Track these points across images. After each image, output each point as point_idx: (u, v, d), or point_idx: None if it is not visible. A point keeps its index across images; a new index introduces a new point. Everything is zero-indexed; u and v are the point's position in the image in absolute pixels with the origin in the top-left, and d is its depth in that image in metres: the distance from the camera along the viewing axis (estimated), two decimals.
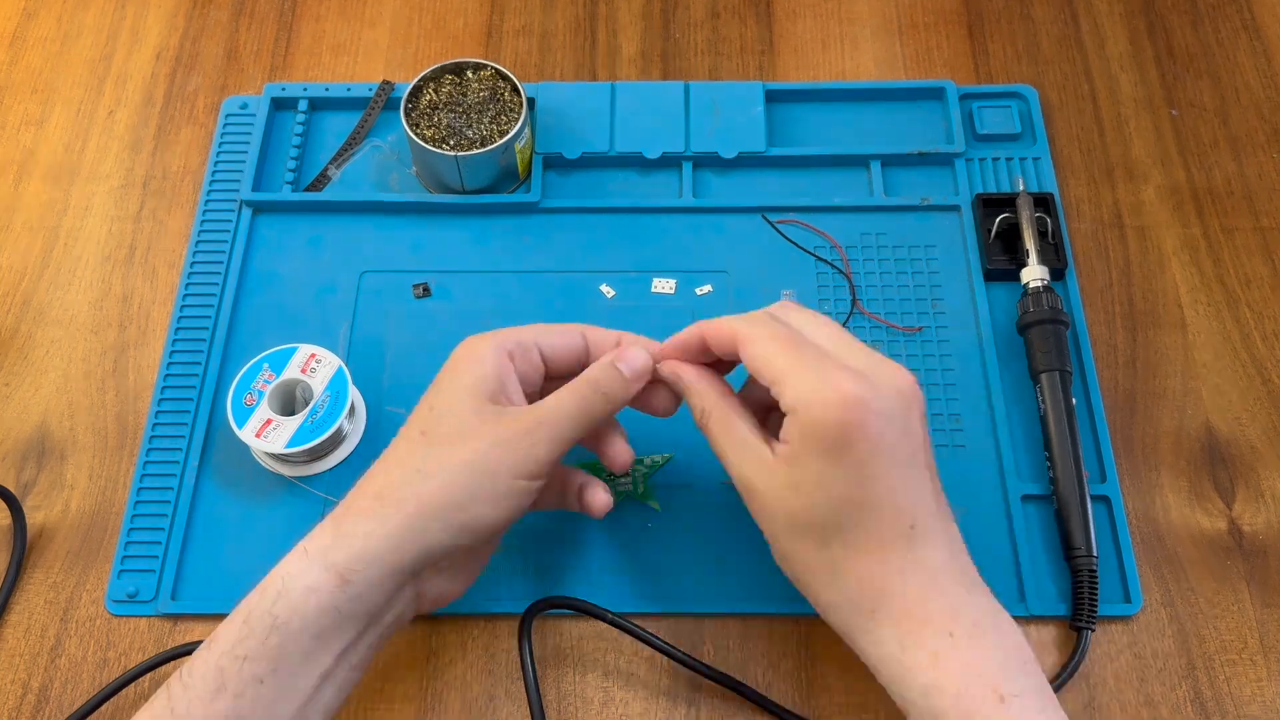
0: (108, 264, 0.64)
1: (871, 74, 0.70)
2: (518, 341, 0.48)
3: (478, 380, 0.46)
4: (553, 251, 0.63)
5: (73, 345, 0.61)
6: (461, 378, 0.46)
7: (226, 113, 0.68)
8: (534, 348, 0.48)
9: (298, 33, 0.73)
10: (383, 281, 0.62)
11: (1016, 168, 0.65)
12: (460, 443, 0.45)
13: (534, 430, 0.45)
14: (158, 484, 0.56)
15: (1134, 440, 0.58)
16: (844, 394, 0.40)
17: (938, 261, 0.62)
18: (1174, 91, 0.69)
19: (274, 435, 0.54)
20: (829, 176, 0.65)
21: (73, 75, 0.71)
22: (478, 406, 0.45)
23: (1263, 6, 0.72)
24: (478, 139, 0.61)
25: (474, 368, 0.46)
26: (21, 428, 0.59)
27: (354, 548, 0.42)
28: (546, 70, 0.71)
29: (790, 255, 0.63)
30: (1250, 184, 0.66)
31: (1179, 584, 0.54)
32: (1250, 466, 0.57)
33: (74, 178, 0.67)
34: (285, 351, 0.56)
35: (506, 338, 0.48)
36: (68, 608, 0.54)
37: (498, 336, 0.48)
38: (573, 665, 0.52)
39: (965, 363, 0.59)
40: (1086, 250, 0.63)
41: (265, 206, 0.65)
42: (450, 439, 0.45)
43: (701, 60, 0.71)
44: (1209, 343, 0.61)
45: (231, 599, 0.54)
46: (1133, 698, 0.51)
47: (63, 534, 0.56)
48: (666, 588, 0.54)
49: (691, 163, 0.65)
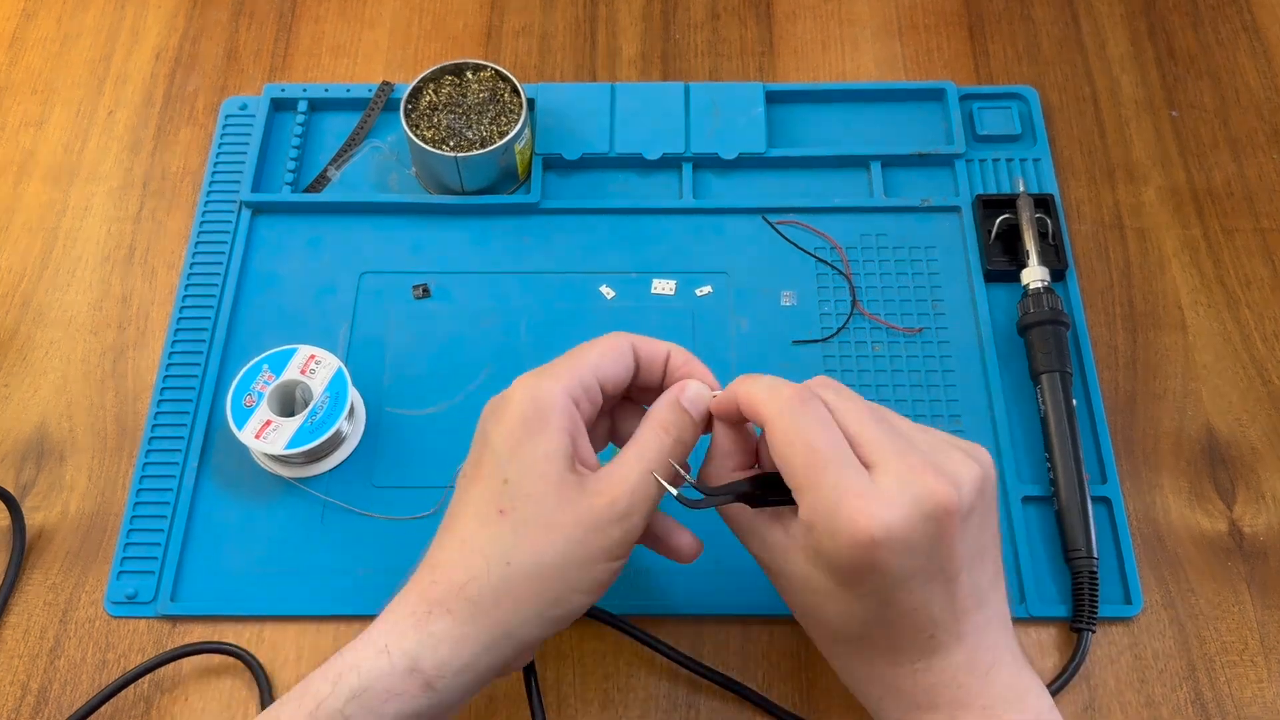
0: (107, 265, 0.64)
1: (872, 75, 0.70)
2: (581, 383, 0.43)
3: (556, 450, 0.41)
4: (552, 252, 0.63)
5: (72, 346, 0.61)
6: (538, 444, 0.42)
7: (226, 113, 0.68)
8: (595, 384, 0.44)
9: (297, 33, 0.73)
10: (382, 282, 0.62)
11: (1017, 169, 0.65)
12: (550, 529, 0.41)
13: (624, 506, 0.41)
14: (157, 485, 0.56)
15: (1134, 441, 0.58)
16: (856, 531, 0.37)
17: (938, 262, 0.62)
18: (1174, 93, 0.69)
19: (273, 436, 0.54)
20: (829, 177, 0.65)
21: (72, 76, 0.71)
22: (560, 479, 0.41)
23: (1263, 8, 0.72)
24: (477, 140, 0.61)
25: (549, 432, 0.42)
26: (21, 429, 0.59)
27: (442, 654, 0.40)
28: (546, 71, 0.71)
29: (790, 256, 0.63)
30: (1250, 185, 0.66)
31: (1179, 585, 0.54)
32: (1251, 468, 0.57)
33: (73, 178, 0.67)
34: (285, 353, 0.56)
35: (571, 380, 0.43)
36: (67, 609, 0.54)
37: (560, 379, 0.43)
38: (573, 665, 0.52)
39: (965, 364, 0.59)
40: (1087, 251, 0.63)
41: (265, 207, 0.64)
42: (537, 523, 0.41)
43: (702, 61, 0.71)
44: (1209, 344, 0.61)
45: (231, 600, 0.54)
46: (1133, 699, 0.51)
47: (62, 535, 0.56)
48: (666, 589, 0.53)
49: (691, 164, 0.65)
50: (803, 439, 0.39)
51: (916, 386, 0.59)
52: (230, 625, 0.53)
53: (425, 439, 0.57)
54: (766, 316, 0.61)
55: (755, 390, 0.41)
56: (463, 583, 0.41)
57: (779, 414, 0.40)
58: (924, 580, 0.39)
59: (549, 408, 0.42)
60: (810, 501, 0.39)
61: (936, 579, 0.39)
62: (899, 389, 0.59)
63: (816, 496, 0.39)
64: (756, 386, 0.41)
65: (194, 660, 0.52)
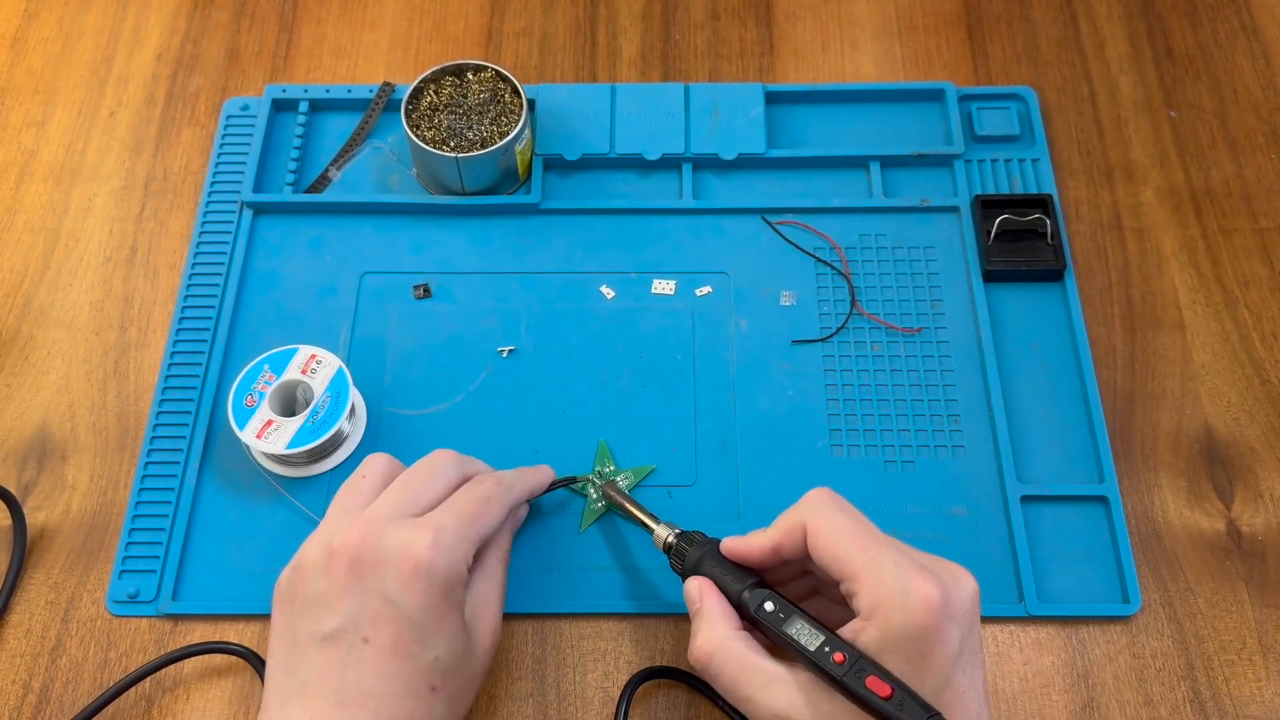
0: (109, 265, 0.64)
1: (871, 76, 0.70)
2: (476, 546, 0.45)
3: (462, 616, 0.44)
4: (553, 253, 0.63)
5: (74, 346, 0.61)
6: (456, 617, 0.44)
7: (227, 114, 0.68)
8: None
9: (298, 34, 0.73)
10: (383, 282, 0.62)
11: (1015, 169, 0.66)
12: (473, 683, 0.45)
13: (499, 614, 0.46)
14: (159, 485, 0.56)
15: (1133, 441, 0.58)
16: (926, 598, 0.39)
17: (937, 262, 0.63)
18: (1173, 93, 0.69)
19: (275, 436, 0.54)
20: (828, 178, 0.66)
21: (74, 76, 0.71)
22: (469, 637, 0.44)
23: (1261, 8, 0.73)
24: (478, 140, 0.62)
25: (460, 603, 0.44)
26: (22, 428, 0.59)
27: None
28: (547, 72, 0.71)
29: (790, 256, 0.63)
30: (1249, 185, 0.66)
31: (1178, 584, 0.54)
32: (1249, 467, 0.57)
33: (75, 179, 0.67)
34: (286, 353, 0.56)
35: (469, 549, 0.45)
36: (69, 608, 0.54)
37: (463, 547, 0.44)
38: (573, 665, 0.52)
39: (964, 363, 0.59)
40: (1085, 251, 0.64)
41: (266, 208, 0.65)
42: (465, 688, 0.44)
43: (701, 62, 0.71)
44: (1208, 344, 0.61)
45: (232, 599, 0.54)
46: (1131, 698, 0.51)
47: (63, 534, 0.56)
48: (666, 588, 0.54)
49: (691, 164, 0.65)
50: (852, 528, 0.42)
51: (915, 386, 0.59)
52: (232, 624, 0.53)
53: (425, 439, 0.57)
54: (766, 316, 0.61)
55: (788, 515, 0.44)
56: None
57: (820, 511, 0.43)
58: (970, 662, 0.41)
59: (459, 578, 0.44)
60: (873, 584, 0.41)
61: (977, 665, 0.41)
62: (898, 389, 0.59)
63: (879, 577, 0.40)
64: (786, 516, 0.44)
65: (196, 659, 0.52)
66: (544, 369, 0.59)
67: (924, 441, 0.57)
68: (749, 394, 0.59)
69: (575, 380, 0.59)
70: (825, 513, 0.43)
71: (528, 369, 0.60)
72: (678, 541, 0.48)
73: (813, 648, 0.41)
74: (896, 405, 0.58)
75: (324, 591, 0.42)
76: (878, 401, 0.58)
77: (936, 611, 0.39)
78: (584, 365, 0.60)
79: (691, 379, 0.59)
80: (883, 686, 0.39)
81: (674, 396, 0.59)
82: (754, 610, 0.44)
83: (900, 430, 0.58)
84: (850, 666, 0.40)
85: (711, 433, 0.58)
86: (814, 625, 0.43)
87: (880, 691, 0.39)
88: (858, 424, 0.58)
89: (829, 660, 0.41)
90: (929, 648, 0.40)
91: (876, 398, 0.59)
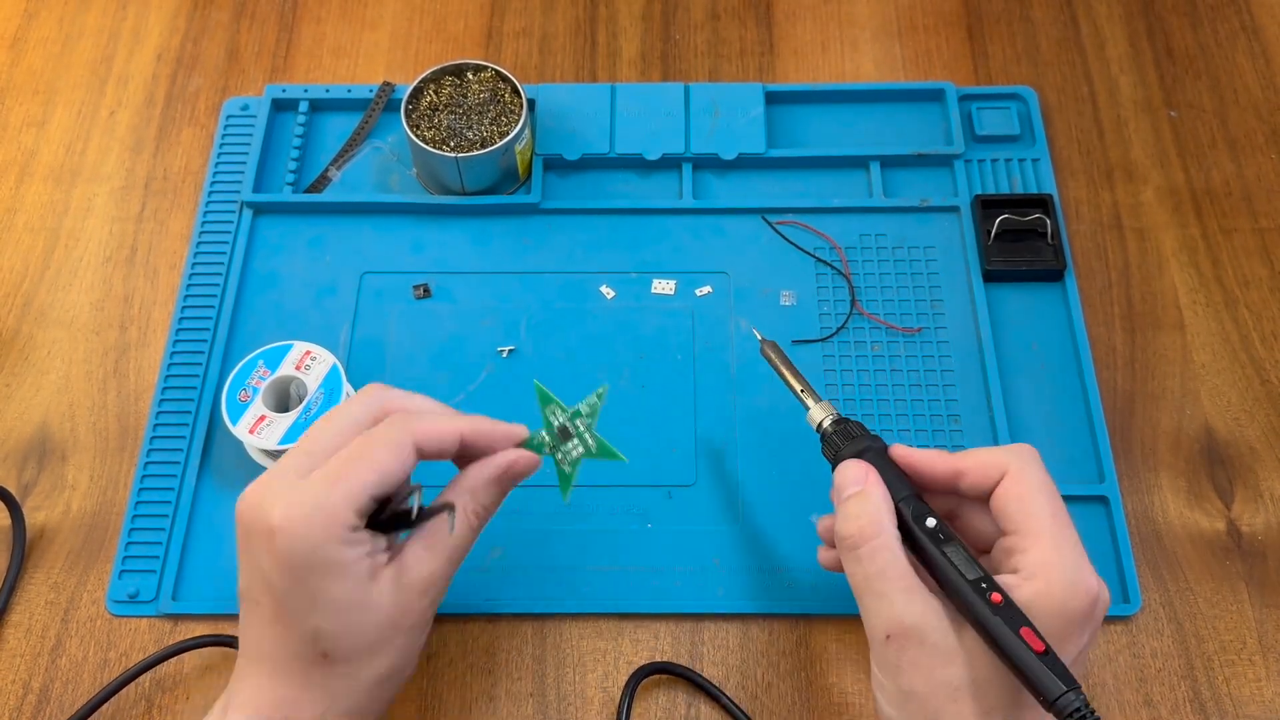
0: (109, 265, 0.64)
1: (871, 76, 0.70)
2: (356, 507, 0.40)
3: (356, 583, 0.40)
4: (553, 252, 0.63)
5: (74, 346, 0.61)
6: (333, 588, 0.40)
7: (227, 114, 0.68)
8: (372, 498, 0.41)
9: (298, 34, 0.73)
10: (383, 282, 0.62)
11: (1016, 169, 0.66)
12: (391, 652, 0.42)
13: (436, 592, 0.43)
14: (158, 484, 0.56)
15: (1133, 441, 0.58)
16: (1092, 589, 0.40)
17: (937, 262, 0.63)
18: (1173, 93, 0.69)
19: (268, 431, 0.54)
20: (828, 178, 0.66)
21: (74, 76, 0.71)
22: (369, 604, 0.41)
23: (1262, 8, 0.73)
24: (478, 140, 0.62)
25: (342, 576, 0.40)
26: (22, 428, 0.59)
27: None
28: (547, 72, 0.71)
29: (790, 256, 0.63)
30: (1249, 185, 0.66)
31: (1178, 584, 0.54)
32: (1249, 467, 0.57)
33: (75, 179, 0.67)
34: (280, 348, 0.56)
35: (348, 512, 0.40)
36: (68, 608, 0.54)
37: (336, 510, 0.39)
38: (573, 665, 0.52)
39: (965, 363, 0.59)
40: (1085, 251, 0.64)
41: (266, 207, 0.65)
42: (377, 657, 0.42)
43: (701, 62, 0.71)
44: (1208, 344, 0.61)
45: (232, 599, 0.54)
46: (1131, 698, 0.51)
47: (63, 534, 0.56)
48: (666, 588, 0.54)
49: (691, 164, 0.65)
50: (1050, 490, 0.42)
51: (915, 386, 0.59)
52: (232, 623, 0.53)
53: None
54: (766, 316, 0.61)
55: (982, 452, 0.44)
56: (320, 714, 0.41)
57: (1027, 461, 0.43)
58: (1079, 662, 0.41)
59: (326, 545, 0.39)
60: (1049, 550, 0.41)
61: (1079, 668, 0.41)
62: (898, 389, 0.59)
63: (1059, 548, 0.41)
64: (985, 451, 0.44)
65: (195, 658, 0.52)
66: (544, 369, 0.59)
67: (924, 441, 0.57)
68: (749, 394, 0.59)
69: (575, 380, 0.59)
70: (1032, 465, 0.43)
71: (528, 369, 0.60)
72: (833, 429, 0.47)
73: (970, 577, 0.41)
74: (897, 405, 0.58)
75: (237, 552, 0.43)
76: (878, 401, 0.58)
77: (1093, 607, 0.40)
78: (584, 365, 0.60)
79: (691, 379, 0.59)
80: (1038, 641, 0.39)
81: (674, 396, 0.59)
82: (913, 520, 0.43)
83: (900, 430, 0.58)
84: (1007, 610, 0.39)
85: (711, 433, 0.58)
86: (971, 558, 0.42)
87: (1035, 645, 0.38)
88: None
89: (985, 595, 0.40)
90: (1068, 633, 0.40)
91: (877, 398, 0.59)
